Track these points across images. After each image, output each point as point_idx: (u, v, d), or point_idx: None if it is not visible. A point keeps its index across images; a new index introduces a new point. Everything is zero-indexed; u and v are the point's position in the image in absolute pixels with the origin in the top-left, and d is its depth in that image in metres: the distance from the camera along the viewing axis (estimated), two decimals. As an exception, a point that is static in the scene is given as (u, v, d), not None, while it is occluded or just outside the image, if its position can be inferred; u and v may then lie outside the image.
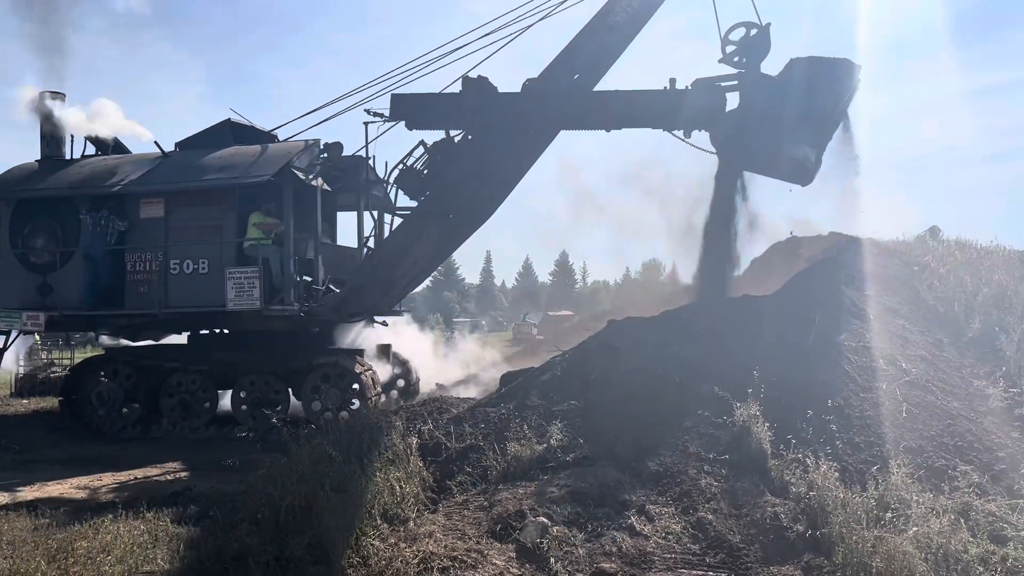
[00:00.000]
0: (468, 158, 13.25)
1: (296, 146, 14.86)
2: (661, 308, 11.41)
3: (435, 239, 14.08)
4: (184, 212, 14.47)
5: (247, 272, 13.69)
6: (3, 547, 7.09)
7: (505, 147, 13.25)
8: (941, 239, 15.06)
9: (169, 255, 14.31)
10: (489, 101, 13.16)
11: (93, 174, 15.29)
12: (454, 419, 8.96)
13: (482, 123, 13.22)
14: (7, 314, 14.89)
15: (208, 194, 14.41)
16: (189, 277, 14.19)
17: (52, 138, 16.12)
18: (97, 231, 14.54)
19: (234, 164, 14.54)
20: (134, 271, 14.49)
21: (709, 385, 8.49)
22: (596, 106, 13.07)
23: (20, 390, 21.73)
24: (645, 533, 6.44)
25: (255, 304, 13.64)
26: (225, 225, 14.29)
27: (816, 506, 6.51)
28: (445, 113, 13.56)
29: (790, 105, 11.85)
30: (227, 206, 14.32)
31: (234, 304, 13.66)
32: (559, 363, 9.64)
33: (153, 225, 14.57)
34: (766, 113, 12.05)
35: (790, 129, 11.90)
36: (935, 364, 9.64)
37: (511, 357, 23.99)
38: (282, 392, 14.24)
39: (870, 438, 7.75)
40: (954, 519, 6.42)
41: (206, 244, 14.23)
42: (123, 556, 6.70)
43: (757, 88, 12.31)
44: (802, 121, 11.98)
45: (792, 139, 11.92)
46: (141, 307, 14.43)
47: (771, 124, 11.95)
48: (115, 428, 14.31)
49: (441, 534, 6.43)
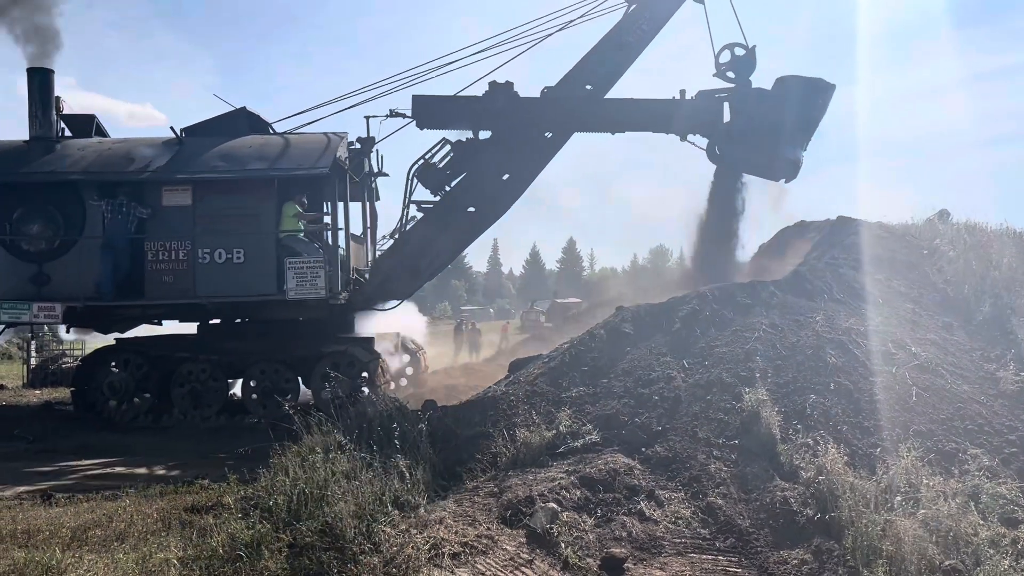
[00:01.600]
0: (492, 157, 14.75)
1: (339, 138, 15.09)
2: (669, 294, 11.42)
3: (458, 231, 15.11)
4: (214, 200, 14.23)
5: (309, 262, 13.79)
6: (18, 535, 7.16)
7: (525, 147, 14.78)
8: (951, 222, 14.96)
9: (198, 244, 14.07)
10: (513, 105, 14.72)
11: (104, 158, 14.68)
12: (463, 406, 8.99)
13: (506, 125, 14.73)
14: (12, 305, 14.04)
15: (242, 183, 14.28)
16: (221, 266, 14.04)
17: (43, 118, 15.10)
18: (118, 218, 14.01)
19: (274, 154, 14.57)
20: (156, 260, 14.12)
21: (718, 370, 8.49)
22: (607, 113, 15.06)
23: (32, 380, 21.92)
24: (655, 518, 6.47)
25: (320, 293, 13.86)
26: (263, 215, 14.29)
27: (825, 490, 6.51)
28: (465, 114, 14.87)
29: (782, 114, 14.14)
30: (264, 196, 14.31)
31: (295, 293, 13.74)
32: (567, 349, 9.65)
33: (177, 213, 14.22)
34: (761, 121, 14.22)
35: (786, 134, 14.23)
36: (945, 347, 9.61)
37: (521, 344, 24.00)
38: (292, 380, 14.32)
39: (879, 422, 7.75)
40: (964, 502, 6.42)
41: (241, 234, 14.12)
42: (137, 543, 6.77)
43: (749, 100, 14.52)
44: (793, 127, 14.36)
45: (788, 143, 14.36)
46: (164, 297, 14.17)
47: (767, 130, 14.17)
48: (126, 418, 14.34)
49: (452, 520, 6.47)
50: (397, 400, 9.14)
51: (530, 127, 14.79)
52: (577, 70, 14.83)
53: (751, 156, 14.57)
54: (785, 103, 14.19)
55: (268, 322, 15.04)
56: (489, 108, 14.68)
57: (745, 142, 14.39)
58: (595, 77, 14.81)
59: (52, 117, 15.20)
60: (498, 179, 14.85)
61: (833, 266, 11.38)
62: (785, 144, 14.38)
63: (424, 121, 14.88)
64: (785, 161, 14.48)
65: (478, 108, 14.78)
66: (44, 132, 15.07)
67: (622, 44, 14.69)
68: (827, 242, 13.24)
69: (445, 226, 14.94)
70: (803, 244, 14.39)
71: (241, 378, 14.72)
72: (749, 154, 14.57)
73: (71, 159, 14.68)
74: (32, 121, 15.09)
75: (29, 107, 15.09)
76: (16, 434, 13.17)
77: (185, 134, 15.21)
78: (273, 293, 14.07)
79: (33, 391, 20.09)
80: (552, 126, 14.91)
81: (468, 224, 15.16)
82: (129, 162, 14.50)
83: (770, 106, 14.26)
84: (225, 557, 6.23)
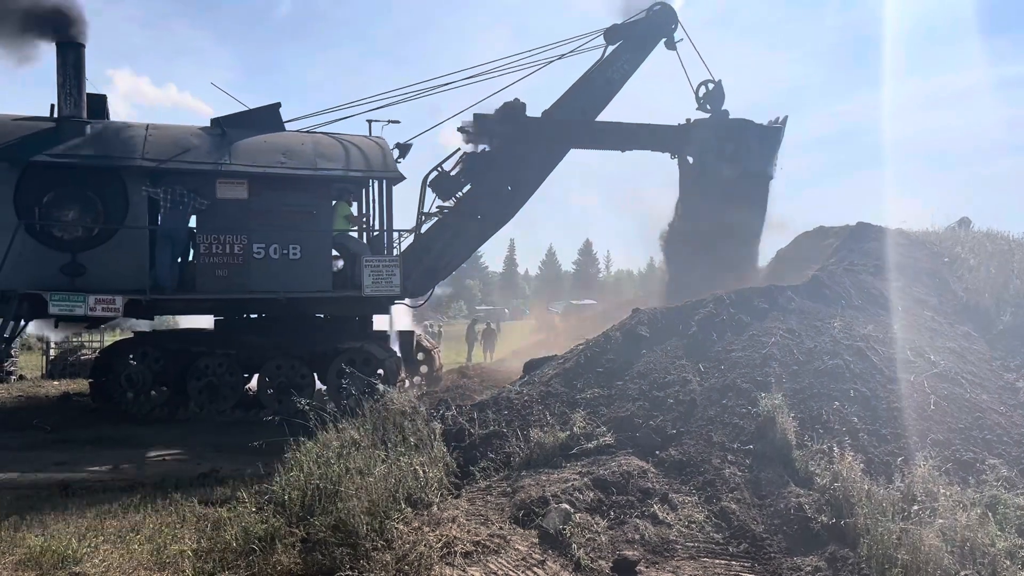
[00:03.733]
0: (503, 169, 16.61)
1: (385, 142, 15.96)
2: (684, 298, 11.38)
3: (470, 235, 16.63)
4: (271, 196, 14.35)
5: (385, 261, 14.53)
6: (35, 525, 7.24)
7: (531, 160, 16.84)
8: (972, 230, 14.82)
9: (254, 238, 14.14)
10: (523, 123, 16.80)
11: (153, 144, 14.00)
12: (477, 405, 8.99)
13: (513, 141, 16.64)
14: (63, 297, 13.01)
15: (299, 180, 14.48)
16: (277, 262, 14.22)
17: (76, 97, 14.06)
18: (178, 208, 13.75)
19: (334, 154, 14.99)
20: (209, 253, 14.02)
21: (734, 375, 8.45)
22: (600, 133, 17.72)
23: (51, 371, 22.13)
24: (668, 521, 6.44)
25: (395, 290, 14.68)
26: (321, 213, 14.66)
27: (841, 497, 6.46)
28: (505, 131, 16.72)
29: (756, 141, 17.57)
30: (322, 194, 14.78)
31: (371, 290, 14.44)
32: (582, 351, 9.63)
33: (232, 206, 14.22)
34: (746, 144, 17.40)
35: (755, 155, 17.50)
36: (964, 356, 9.51)
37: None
38: (307, 377, 14.39)
39: (897, 430, 7.68)
40: (981, 512, 6.35)
41: (298, 230, 14.32)
42: (152, 535, 6.83)
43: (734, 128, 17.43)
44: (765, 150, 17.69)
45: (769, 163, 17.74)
46: (216, 291, 14.13)
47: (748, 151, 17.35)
48: (143, 410, 14.44)
49: (464, 519, 6.47)
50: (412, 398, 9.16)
51: (535, 143, 16.82)
52: (571, 96, 17.37)
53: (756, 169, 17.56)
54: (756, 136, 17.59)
55: (285, 318, 15.11)
56: (500, 126, 16.71)
57: (735, 161, 17.19)
58: (587, 103, 17.46)
59: (84, 96, 14.28)
60: (506, 189, 16.73)
61: (852, 272, 11.29)
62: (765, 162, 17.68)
63: (478, 136, 16.87)
64: (771, 177, 17.91)
65: (492, 125, 16.71)
66: (75, 112, 14.10)
67: (608, 79, 17.55)
68: (846, 248, 13.14)
69: (459, 231, 16.43)
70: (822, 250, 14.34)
71: (257, 373, 14.80)
72: (755, 168, 17.51)
73: (111, 143, 14.03)
74: (64, 99, 14.05)
75: (59, 84, 14.05)
76: (35, 424, 13.30)
77: (214, 125, 15.19)
78: (328, 290, 14.50)
79: (52, 382, 20.31)
80: (553, 143, 17.16)
81: (478, 230, 16.71)
82: (179, 150, 14.06)
83: (751, 133, 17.51)
84: (239, 550, 6.28)
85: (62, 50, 14.20)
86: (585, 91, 17.39)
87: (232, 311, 15.45)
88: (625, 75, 17.67)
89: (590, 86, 17.43)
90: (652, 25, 17.69)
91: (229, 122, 15.16)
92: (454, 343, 33.25)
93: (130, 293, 13.59)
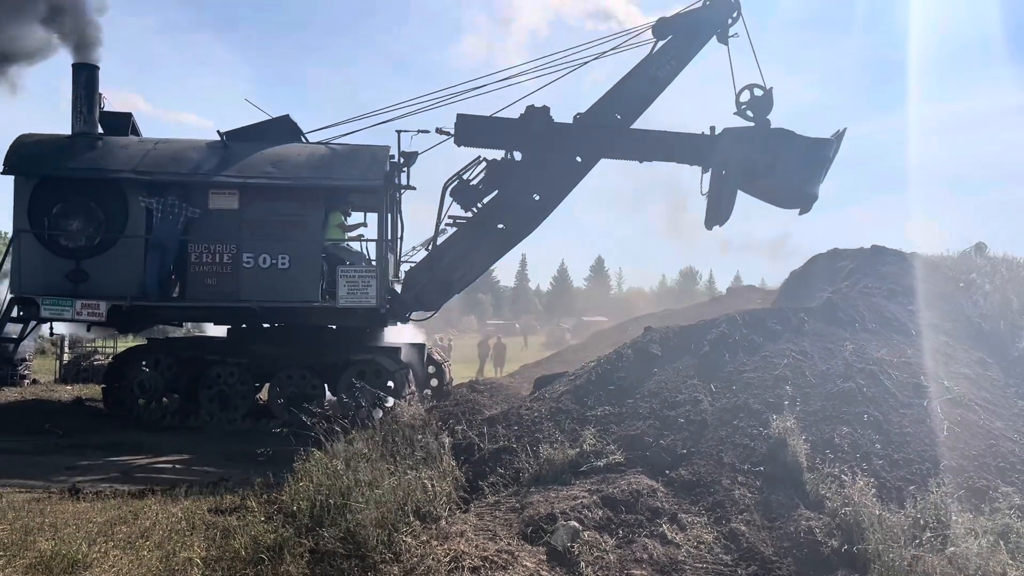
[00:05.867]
0: (525, 177, 15.36)
1: (386, 151, 15.38)
2: (698, 317, 11.38)
3: (489, 247, 15.66)
4: (262, 206, 14.43)
5: (361, 271, 14.10)
6: (45, 528, 7.28)
7: (557, 170, 15.40)
8: (988, 255, 14.72)
9: (243, 248, 14.25)
10: (548, 129, 15.28)
11: (151, 158, 14.70)
12: (487, 420, 8.99)
13: (540, 148, 15.28)
14: (55, 301, 13.98)
15: (290, 190, 14.49)
16: (266, 271, 14.24)
17: (87, 115, 15.15)
18: (168, 218, 14.12)
19: (323, 163, 14.81)
20: (199, 262, 14.30)
21: (745, 396, 8.42)
22: (635, 142, 15.70)
23: (64, 376, 22.28)
24: (677, 541, 6.41)
25: (371, 302, 14.15)
26: (310, 222, 14.50)
27: (852, 522, 6.41)
28: (504, 135, 15.41)
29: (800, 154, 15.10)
30: (312, 203, 14.56)
31: (345, 301, 14.03)
32: (594, 368, 9.63)
33: (223, 216, 14.40)
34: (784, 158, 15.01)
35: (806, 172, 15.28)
36: (978, 382, 9.44)
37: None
38: (318, 387, 14.43)
39: (909, 455, 7.62)
40: (994, 541, 6.28)
41: (287, 240, 14.30)
42: (161, 542, 6.84)
43: (772, 138, 15.08)
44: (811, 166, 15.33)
45: (812, 180, 15.39)
46: (206, 299, 14.35)
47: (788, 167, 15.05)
48: (154, 417, 14.53)
49: (472, 534, 6.46)
50: (421, 411, 9.18)
51: (562, 151, 15.36)
52: (607, 99, 15.50)
53: (775, 189, 15.64)
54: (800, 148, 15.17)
55: (298, 328, 15.19)
56: (526, 131, 15.25)
57: (770, 177, 15.16)
58: (624, 107, 15.51)
59: (96, 114, 15.25)
60: (529, 199, 15.40)
61: (866, 295, 11.24)
62: (806, 180, 15.40)
63: (464, 139, 15.28)
64: (805, 195, 15.63)
65: (515, 129, 15.31)
66: (88, 128, 15.09)
67: (653, 78, 15.47)
68: (860, 271, 13.09)
69: (478, 242, 15.43)
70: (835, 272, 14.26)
71: (268, 382, 14.86)
72: (772, 187, 15.56)
73: (116, 157, 14.74)
74: (76, 117, 15.10)
75: (73, 103, 15.13)
76: (47, 428, 13.39)
77: (227, 138, 15.38)
78: (317, 300, 14.36)
79: (65, 387, 20.41)
80: (582, 151, 15.52)
81: (498, 240, 15.62)
82: (176, 163, 14.61)
83: (790, 146, 15.12)
84: (247, 559, 6.29)
85: (77, 70, 15.30)
86: (624, 92, 15.54)
87: (220, 320, 15.66)
88: (672, 73, 15.55)
89: (631, 85, 15.53)
90: (709, 16, 15.54)
91: (239, 135, 15.45)
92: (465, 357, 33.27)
93: (115, 299, 14.08)
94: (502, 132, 15.41)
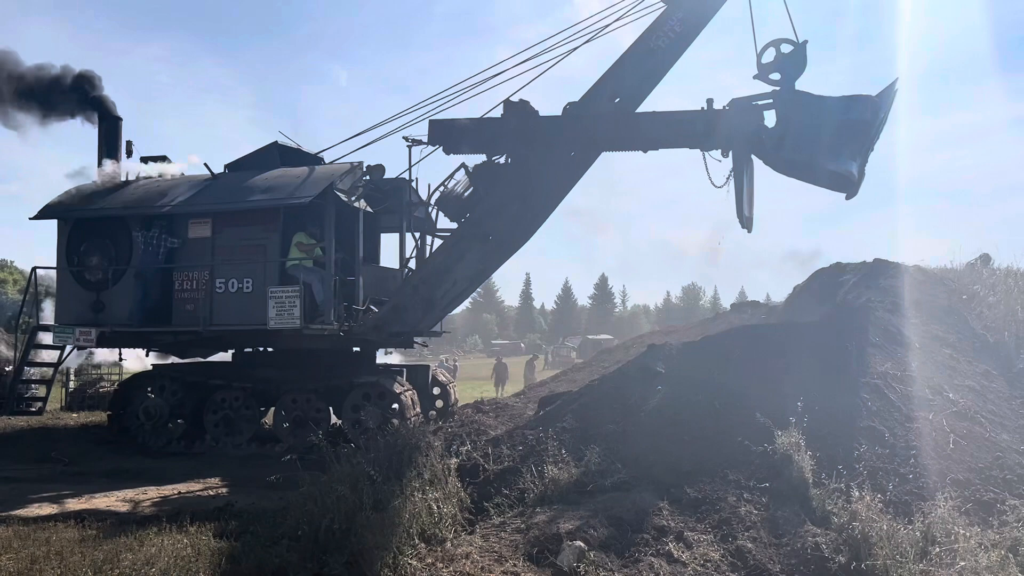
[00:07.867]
0: (510, 181, 13.36)
1: (339, 168, 15.08)
2: (702, 334, 11.36)
3: (475, 261, 13.83)
4: (230, 232, 14.75)
5: (288, 291, 13.93)
6: (51, 557, 7.27)
7: (546, 170, 13.25)
8: (992, 267, 14.70)
9: (215, 274, 14.63)
10: (531, 124, 13.24)
11: (146, 195, 15.71)
12: (492, 441, 8.99)
13: (524, 146, 13.27)
14: (61, 329, 15.39)
15: (253, 214, 14.66)
16: (234, 296, 14.47)
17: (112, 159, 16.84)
18: (149, 249, 14.88)
19: (279, 186, 14.80)
20: (181, 289, 14.83)
21: (750, 412, 8.40)
22: (635, 128, 13.08)
23: (70, 403, 22.27)
24: (683, 560, 6.38)
25: (295, 323, 13.83)
26: (269, 245, 14.53)
27: (859, 537, 6.38)
28: (482, 138, 13.65)
29: (828, 119, 11.83)
30: (271, 226, 14.55)
31: (275, 323, 13.88)
32: (598, 386, 9.63)
33: (201, 244, 14.89)
34: (806, 128, 11.95)
35: (830, 143, 11.89)
36: (984, 395, 9.41)
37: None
38: (323, 410, 14.41)
39: (915, 469, 7.60)
40: (1003, 555, 6.25)
41: (251, 264, 14.48)
42: (167, 569, 6.83)
43: (794, 105, 12.11)
44: (842, 135, 11.94)
45: (832, 153, 11.97)
46: (188, 324, 14.71)
47: (812, 138, 11.92)
48: (160, 443, 14.57)
49: (478, 555, 6.44)
50: (426, 432, 9.17)
51: (549, 147, 13.24)
52: (603, 81, 13.08)
53: (807, 164, 12.32)
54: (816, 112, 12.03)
55: (300, 352, 15.17)
56: (503, 129, 13.39)
57: (800, 150, 12.09)
58: (623, 88, 12.98)
59: (121, 159, 16.84)
60: (517, 204, 13.39)
61: (869, 309, 11.24)
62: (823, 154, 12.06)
63: (444, 146, 13.82)
64: (829, 175, 12.31)
65: (493, 129, 13.54)
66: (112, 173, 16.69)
67: (652, 49, 12.73)
68: (863, 284, 13.07)
69: (460, 255, 13.73)
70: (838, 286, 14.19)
71: (273, 407, 14.85)
72: (804, 162, 12.31)
73: (121, 197, 15.88)
74: (101, 162, 16.72)
75: (98, 151, 16.89)
76: (52, 456, 13.40)
77: (228, 170, 15.88)
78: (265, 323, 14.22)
79: (71, 414, 20.41)
80: (575, 145, 13.28)
81: (485, 254, 13.77)
82: (163, 197, 15.41)
83: (801, 110, 12.12)
84: (252, 585, 6.27)
85: (100, 121, 17.08)
86: (622, 71, 12.96)
87: (203, 345, 15.88)
88: (676, 41, 12.69)
89: (629, 62, 12.92)
90: None
91: (236, 166, 16.04)
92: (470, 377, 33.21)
93: (102, 327, 15.07)
94: (478, 134, 13.64)
